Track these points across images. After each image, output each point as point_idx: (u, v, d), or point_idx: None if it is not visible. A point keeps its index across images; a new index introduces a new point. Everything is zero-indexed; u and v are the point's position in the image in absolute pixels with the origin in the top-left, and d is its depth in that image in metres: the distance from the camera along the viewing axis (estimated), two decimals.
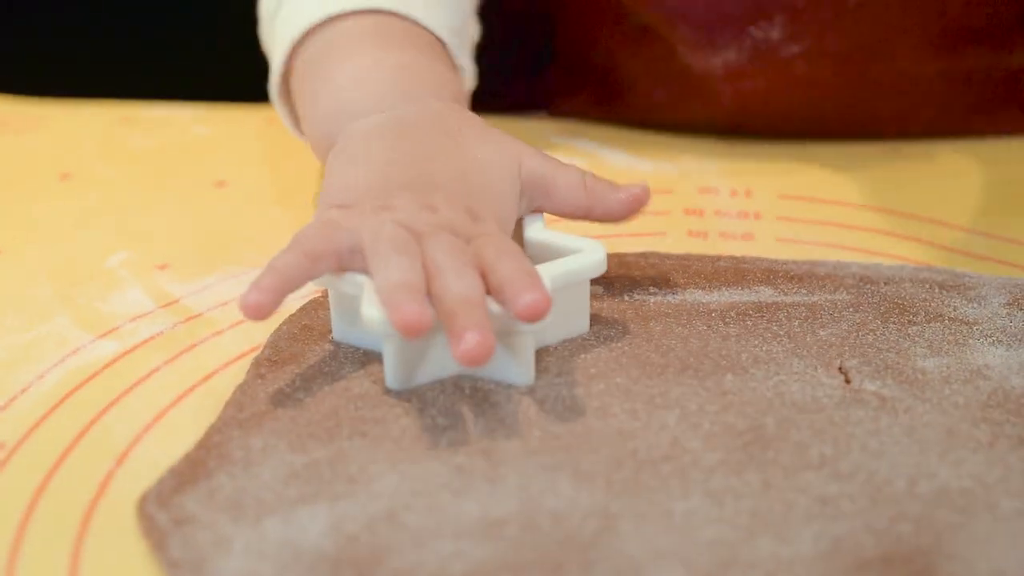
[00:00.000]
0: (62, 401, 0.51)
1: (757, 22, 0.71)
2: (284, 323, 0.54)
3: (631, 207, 0.55)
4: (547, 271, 0.50)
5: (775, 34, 0.72)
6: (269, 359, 0.51)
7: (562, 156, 0.69)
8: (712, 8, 0.71)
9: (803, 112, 0.73)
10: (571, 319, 0.52)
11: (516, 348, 0.49)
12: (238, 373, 0.52)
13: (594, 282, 0.56)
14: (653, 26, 0.72)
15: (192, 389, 0.51)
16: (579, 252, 0.52)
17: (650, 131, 0.74)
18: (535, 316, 0.46)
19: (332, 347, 0.52)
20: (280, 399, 0.49)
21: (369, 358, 0.51)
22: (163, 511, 0.44)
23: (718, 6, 0.71)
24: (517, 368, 0.49)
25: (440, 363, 0.49)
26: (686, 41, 0.72)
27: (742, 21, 0.71)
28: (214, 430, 0.48)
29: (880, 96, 0.74)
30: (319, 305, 0.55)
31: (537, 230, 0.54)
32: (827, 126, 0.74)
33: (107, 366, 0.53)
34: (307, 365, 0.51)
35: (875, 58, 0.72)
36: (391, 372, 0.49)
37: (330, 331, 0.53)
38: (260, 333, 0.54)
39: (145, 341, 0.54)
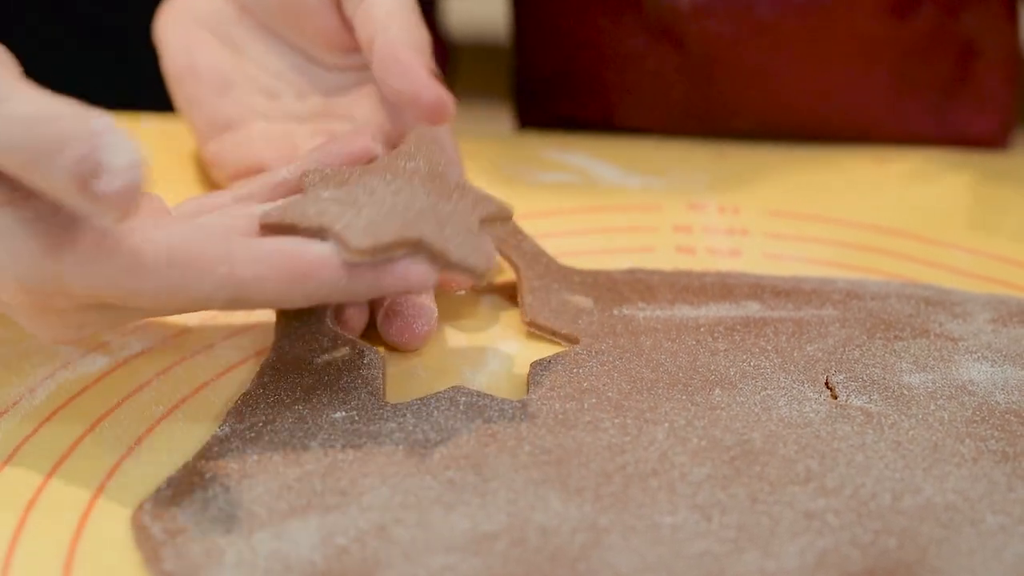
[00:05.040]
0: (53, 414, 0.51)
1: None
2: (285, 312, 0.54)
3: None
4: None
5: None
6: (272, 365, 0.52)
7: (553, 172, 0.70)
8: None
9: (769, 64, 0.74)
10: None
11: None
12: (229, 385, 0.52)
13: (584, 295, 0.56)
14: None
15: (183, 402, 0.52)
16: None
17: (638, 141, 0.75)
18: None
19: (330, 343, 0.52)
20: (280, 409, 0.49)
21: (368, 361, 0.51)
22: (157, 522, 0.44)
23: None
24: None
25: None
26: None
27: None
28: (214, 440, 0.48)
29: (840, 55, 0.75)
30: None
31: None
32: (791, 83, 0.75)
33: (98, 380, 0.53)
34: (307, 372, 0.51)
35: (836, 13, 0.73)
36: None
37: (325, 318, 0.53)
38: (251, 346, 0.55)
39: (136, 355, 0.54)
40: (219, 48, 0.62)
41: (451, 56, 0.91)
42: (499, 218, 0.51)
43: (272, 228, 0.48)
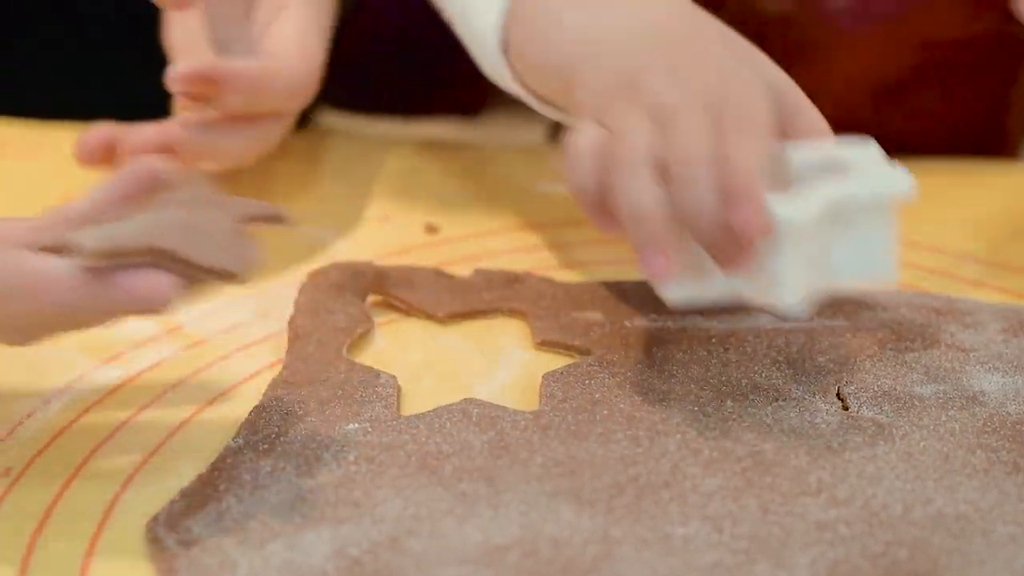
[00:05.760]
0: (68, 426, 0.51)
1: None
2: (298, 339, 0.55)
3: None
4: (826, 189, 0.48)
5: None
6: (286, 381, 0.52)
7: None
8: None
9: (845, 68, 0.73)
10: (865, 255, 0.49)
11: (778, 268, 0.47)
12: (243, 397, 0.53)
13: (594, 309, 0.56)
14: None
15: (197, 414, 0.52)
16: (884, 176, 0.49)
17: None
18: (751, 231, 0.45)
19: (347, 368, 0.53)
20: (293, 422, 0.49)
21: (383, 382, 0.52)
22: (172, 534, 0.44)
23: None
24: (780, 290, 0.47)
25: (712, 280, 0.49)
26: None
27: None
28: (228, 452, 0.48)
29: (919, 61, 0.74)
30: (329, 312, 0.56)
31: (852, 147, 0.51)
32: (867, 94, 0.74)
33: (112, 392, 0.53)
34: (322, 387, 0.51)
35: (916, 21, 0.72)
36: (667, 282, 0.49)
37: (344, 349, 0.54)
38: (264, 357, 0.55)
39: (150, 367, 0.55)
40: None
41: None
42: (267, 219, 0.49)
43: None
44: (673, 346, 0.54)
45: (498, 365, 0.55)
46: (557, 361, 0.54)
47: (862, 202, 0.48)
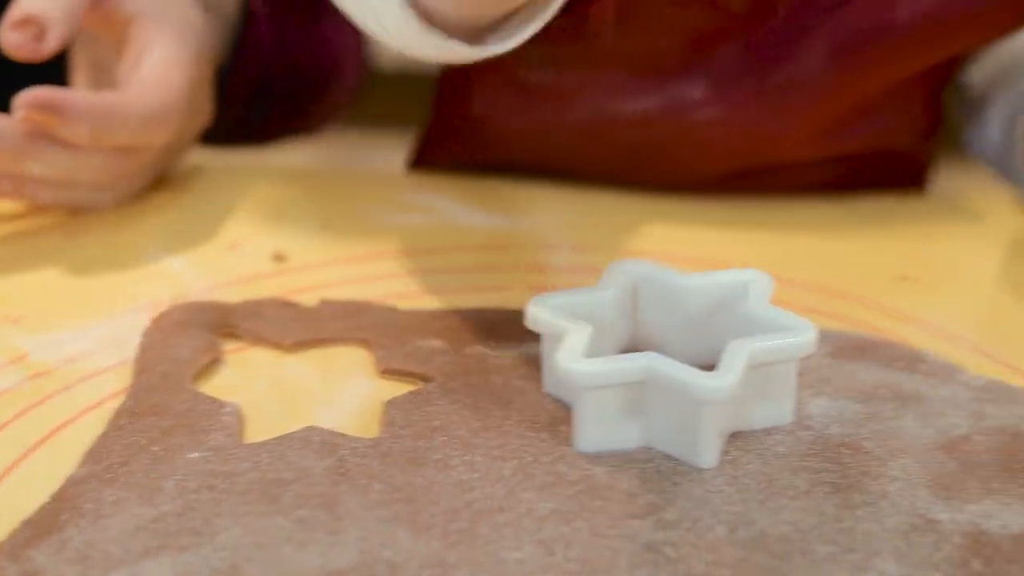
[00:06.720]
0: None
1: (681, 78, 0.72)
2: (143, 372, 0.55)
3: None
4: (748, 346, 0.50)
5: (696, 94, 0.72)
6: (130, 410, 0.53)
7: (407, 213, 0.71)
8: (640, 57, 0.72)
9: (698, 164, 0.74)
10: (771, 402, 0.52)
11: (700, 425, 0.49)
12: (87, 427, 0.53)
13: (436, 337, 0.58)
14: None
15: (41, 443, 0.52)
16: (789, 330, 0.52)
17: (494, 182, 0.76)
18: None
19: (191, 398, 0.53)
20: (136, 451, 0.50)
21: (227, 411, 0.52)
22: (14, 564, 0.45)
23: (646, 57, 0.72)
24: (695, 447, 0.49)
25: (628, 432, 0.51)
26: (607, 86, 0.72)
27: (667, 74, 0.72)
28: (71, 482, 0.49)
29: (773, 169, 0.75)
30: (173, 347, 0.57)
31: (757, 304, 0.54)
32: (719, 183, 0.75)
33: None
34: (166, 416, 0.52)
35: (777, 139, 0.74)
36: (577, 432, 0.50)
37: (189, 380, 0.55)
38: (109, 386, 0.55)
39: None
40: None
41: (361, 79, 0.90)
42: None
43: None
44: (511, 372, 0.55)
45: (342, 393, 0.56)
46: (400, 388, 0.55)
47: (773, 360, 0.51)
